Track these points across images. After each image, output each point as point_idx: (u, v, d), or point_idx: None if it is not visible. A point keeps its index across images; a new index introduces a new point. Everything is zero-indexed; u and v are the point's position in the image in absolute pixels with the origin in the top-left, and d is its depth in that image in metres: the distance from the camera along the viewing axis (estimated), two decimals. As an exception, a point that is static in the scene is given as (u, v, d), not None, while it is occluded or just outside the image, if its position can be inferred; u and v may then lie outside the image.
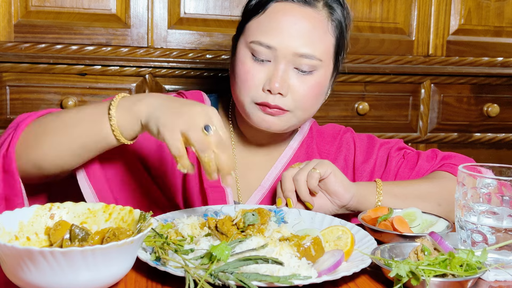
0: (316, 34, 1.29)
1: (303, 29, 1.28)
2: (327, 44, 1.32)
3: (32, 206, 0.98)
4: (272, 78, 1.27)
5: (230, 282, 0.85)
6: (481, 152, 2.43)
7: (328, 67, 1.33)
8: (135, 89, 2.11)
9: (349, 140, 1.50)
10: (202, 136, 0.99)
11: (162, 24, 2.11)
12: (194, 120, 1.00)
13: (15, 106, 2.04)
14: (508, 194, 1.00)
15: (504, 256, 1.01)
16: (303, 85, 1.29)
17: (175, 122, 1.00)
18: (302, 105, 1.31)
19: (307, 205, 1.26)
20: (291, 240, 0.98)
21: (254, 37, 1.29)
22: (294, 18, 1.28)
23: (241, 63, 1.31)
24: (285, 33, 1.27)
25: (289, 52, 1.27)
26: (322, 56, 1.30)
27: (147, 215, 0.94)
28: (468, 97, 2.40)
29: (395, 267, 0.89)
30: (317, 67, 1.30)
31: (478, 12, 2.36)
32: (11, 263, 0.81)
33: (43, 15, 2.03)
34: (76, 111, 1.15)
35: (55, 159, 1.13)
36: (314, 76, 1.30)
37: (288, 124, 1.33)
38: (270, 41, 1.27)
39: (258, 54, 1.29)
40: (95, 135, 1.10)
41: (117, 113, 1.08)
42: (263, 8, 1.31)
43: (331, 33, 1.32)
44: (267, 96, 1.28)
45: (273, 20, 1.29)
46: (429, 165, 1.44)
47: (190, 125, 1.00)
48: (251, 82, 1.29)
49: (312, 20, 1.29)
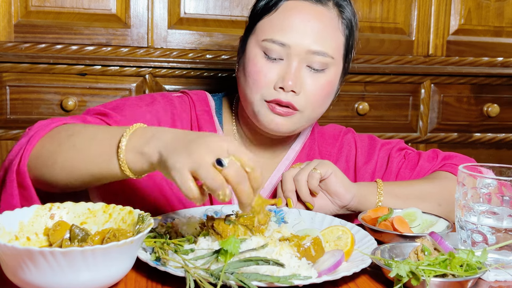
0: (328, 32, 1.30)
1: (316, 27, 1.28)
2: (338, 42, 1.32)
3: (32, 206, 0.98)
4: (285, 76, 1.27)
5: (230, 282, 0.85)
6: (481, 152, 2.43)
7: (338, 65, 1.34)
8: (135, 89, 2.11)
9: (350, 141, 1.49)
10: (213, 173, 0.89)
11: (162, 24, 2.11)
12: (203, 157, 0.90)
13: (15, 106, 2.04)
14: (508, 194, 1.00)
15: (504, 256, 1.01)
16: (315, 83, 1.29)
17: (184, 163, 0.91)
18: (312, 104, 1.31)
19: (308, 205, 1.26)
20: (291, 240, 0.98)
21: (267, 35, 1.29)
22: (307, 16, 1.29)
23: (252, 63, 1.30)
24: (299, 30, 1.27)
25: (303, 49, 1.27)
26: (334, 54, 1.30)
27: (145, 217, 0.94)
28: (468, 97, 2.40)
29: (395, 267, 0.89)
30: (329, 65, 1.30)
31: (478, 12, 2.36)
32: (11, 263, 0.81)
33: (43, 15, 2.03)
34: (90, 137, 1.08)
35: (66, 182, 1.10)
36: (326, 75, 1.30)
37: (297, 125, 1.33)
38: (283, 39, 1.27)
39: (271, 52, 1.28)
40: (105, 169, 1.05)
41: (127, 155, 1.01)
42: (275, 6, 1.31)
43: (341, 31, 1.33)
44: (279, 93, 1.28)
45: (286, 17, 1.29)
46: (430, 165, 1.44)
47: (199, 163, 0.90)
48: (263, 80, 1.29)
49: (324, 18, 1.30)
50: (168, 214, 1.17)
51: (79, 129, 1.12)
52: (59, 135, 1.11)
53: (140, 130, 1.02)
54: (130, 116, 1.29)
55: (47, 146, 1.10)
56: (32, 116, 2.06)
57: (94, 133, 1.09)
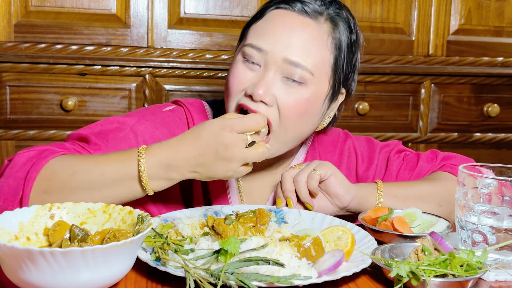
0: (312, 46, 1.23)
1: (298, 38, 1.22)
2: (323, 59, 1.25)
3: (32, 206, 0.98)
4: (257, 83, 1.21)
5: (230, 282, 0.85)
6: (481, 152, 2.43)
7: (321, 84, 1.25)
8: (135, 89, 2.11)
9: (350, 148, 1.48)
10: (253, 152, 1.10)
11: (162, 24, 2.11)
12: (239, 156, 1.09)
13: (15, 106, 2.04)
14: (509, 194, 1.00)
15: (505, 256, 1.00)
16: (289, 97, 1.22)
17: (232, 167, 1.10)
18: (285, 120, 1.22)
19: (307, 206, 1.26)
20: (291, 241, 0.98)
21: (248, 40, 1.26)
22: (291, 25, 1.23)
23: (232, 67, 1.28)
24: (279, 37, 1.22)
25: (279, 57, 1.21)
26: (314, 70, 1.22)
27: (144, 218, 0.94)
28: (468, 97, 2.40)
29: (396, 267, 0.89)
30: (308, 81, 1.22)
31: (478, 12, 2.36)
32: (11, 263, 0.81)
33: (43, 15, 2.03)
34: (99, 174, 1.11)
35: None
36: (302, 90, 1.22)
37: (272, 150, 1.24)
38: (261, 44, 1.23)
39: (249, 56, 1.24)
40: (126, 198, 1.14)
41: (152, 184, 1.11)
42: (262, 14, 1.29)
43: (330, 49, 1.25)
44: (247, 101, 1.22)
45: (269, 24, 1.25)
46: (430, 166, 1.44)
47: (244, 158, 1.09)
48: (236, 85, 1.24)
49: (310, 31, 1.24)
50: (168, 214, 1.17)
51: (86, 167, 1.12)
52: (59, 176, 1.11)
53: (152, 159, 1.10)
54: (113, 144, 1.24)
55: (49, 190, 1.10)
56: (32, 116, 2.06)
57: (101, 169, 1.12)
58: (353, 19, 1.32)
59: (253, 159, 1.11)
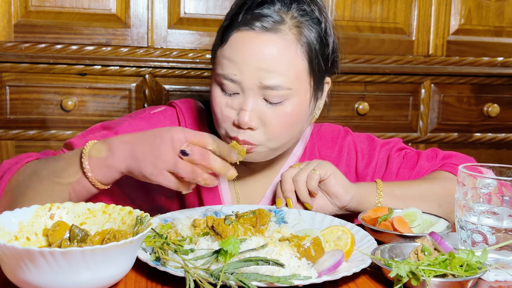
0: (282, 62, 1.19)
1: (266, 59, 1.18)
2: (298, 69, 1.22)
3: (31, 206, 0.98)
4: (240, 112, 1.20)
5: (230, 282, 0.85)
6: (481, 152, 2.43)
7: (302, 92, 1.24)
8: (134, 89, 2.11)
9: (349, 144, 1.47)
10: (185, 164, 1.04)
11: (162, 24, 2.11)
12: (170, 157, 1.04)
13: (15, 106, 2.04)
14: (508, 194, 1.00)
15: (504, 256, 1.00)
16: (275, 117, 1.21)
17: (159, 167, 1.05)
18: (274, 137, 1.24)
19: (306, 206, 1.26)
20: (291, 241, 0.98)
21: (219, 69, 1.23)
22: (254, 48, 1.19)
23: (213, 97, 1.26)
24: (247, 65, 1.18)
25: (254, 84, 1.19)
26: (291, 85, 1.20)
27: (144, 219, 0.94)
28: (468, 97, 2.40)
29: (395, 267, 0.89)
30: (288, 96, 1.21)
31: (478, 12, 2.36)
32: (11, 263, 0.81)
33: (43, 15, 2.03)
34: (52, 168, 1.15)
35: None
36: (286, 106, 1.21)
37: (263, 155, 1.27)
38: (232, 75, 1.20)
39: (226, 87, 1.22)
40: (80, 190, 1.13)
41: (94, 172, 1.10)
42: (225, 39, 1.24)
43: (301, 56, 1.22)
44: (238, 131, 1.22)
45: (235, 51, 1.20)
46: (430, 165, 1.44)
47: (173, 163, 1.04)
48: (223, 117, 1.24)
49: (276, 47, 1.19)
50: (168, 214, 1.17)
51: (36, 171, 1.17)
52: (23, 174, 1.18)
53: (95, 147, 1.11)
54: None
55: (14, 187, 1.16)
56: (32, 116, 2.06)
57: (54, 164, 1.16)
58: (317, 6, 1.26)
59: (182, 172, 1.04)
